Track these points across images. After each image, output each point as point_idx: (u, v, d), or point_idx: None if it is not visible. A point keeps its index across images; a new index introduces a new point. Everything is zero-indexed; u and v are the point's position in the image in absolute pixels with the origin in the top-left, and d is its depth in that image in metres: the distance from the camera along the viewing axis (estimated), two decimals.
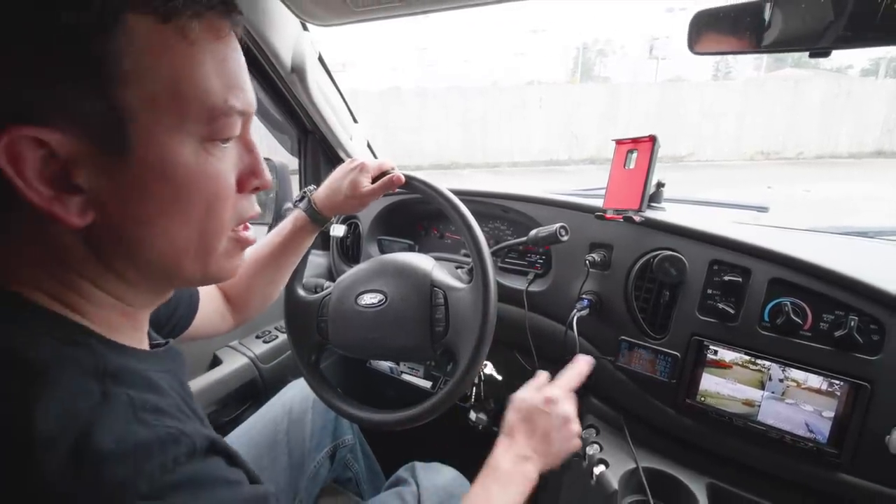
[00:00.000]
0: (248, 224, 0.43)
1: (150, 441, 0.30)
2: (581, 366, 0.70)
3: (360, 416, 0.80)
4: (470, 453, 0.82)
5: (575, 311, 0.82)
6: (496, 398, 1.20)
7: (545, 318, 0.94)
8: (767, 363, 0.70)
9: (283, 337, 1.17)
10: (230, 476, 0.34)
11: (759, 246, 0.73)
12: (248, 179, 0.41)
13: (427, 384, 1.31)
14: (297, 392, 0.95)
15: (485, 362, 0.87)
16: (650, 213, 0.83)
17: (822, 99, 10.26)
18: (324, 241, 1.33)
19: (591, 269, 0.85)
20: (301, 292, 0.87)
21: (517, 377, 0.94)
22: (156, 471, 0.29)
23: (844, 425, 0.65)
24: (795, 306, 0.69)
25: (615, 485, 0.75)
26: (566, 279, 0.90)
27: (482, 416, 1.21)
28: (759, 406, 0.71)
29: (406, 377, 1.32)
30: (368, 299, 0.79)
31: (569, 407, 0.67)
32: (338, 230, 1.19)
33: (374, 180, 0.74)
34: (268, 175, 0.42)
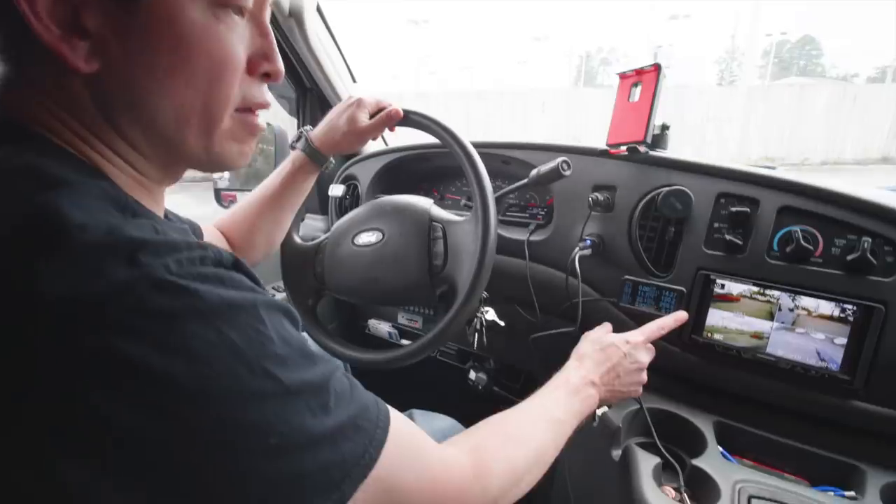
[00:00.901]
0: (257, 112, 0.43)
1: (179, 242, 0.31)
2: (668, 319, 0.72)
3: (360, 357, 0.78)
4: (470, 409, 0.80)
5: (577, 249, 0.80)
6: (496, 357, 1.18)
7: (547, 268, 0.92)
8: (777, 293, 0.68)
9: (281, 296, 1.15)
10: (254, 286, 0.34)
11: (768, 175, 0.71)
12: (259, 62, 0.41)
13: None
14: None
15: (487, 308, 0.85)
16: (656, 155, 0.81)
17: (828, 105, 10.25)
18: (322, 205, 1.32)
19: (593, 212, 0.84)
20: (297, 238, 0.85)
21: (520, 329, 0.92)
22: (184, 261, 0.30)
23: (857, 351, 0.63)
24: (806, 233, 0.67)
25: (618, 423, 0.73)
26: (568, 224, 0.89)
27: (482, 375, 1.19)
28: (769, 338, 0.69)
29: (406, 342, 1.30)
30: (366, 238, 0.77)
31: (645, 356, 0.69)
32: (336, 190, 1.17)
33: (372, 117, 0.73)
34: (280, 64, 0.42)
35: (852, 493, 0.62)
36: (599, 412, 0.76)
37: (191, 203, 1.00)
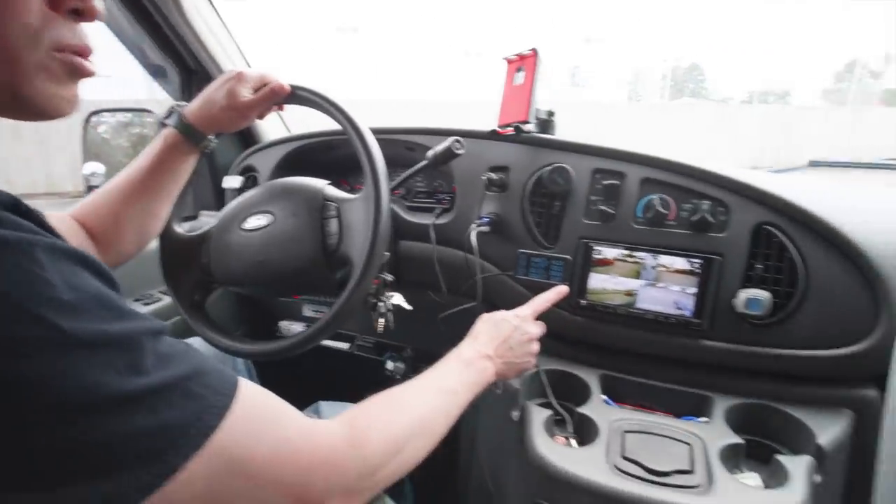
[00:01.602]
0: (87, 55, 0.39)
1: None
2: (551, 293, 0.77)
3: (252, 349, 0.74)
4: None
5: (473, 226, 0.86)
6: (412, 345, 1.21)
7: (453, 250, 0.98)
8: (642, 254, 0.78)
9: (169, 300, 1.06)
10: (37, 229, 0.32)
11: (632, 151, 0.82)
12: None
13: (345, 345, 1.28)
14: None
15: (392, 293, 0.87)
16: None
17: (709, 123, 11.57)
18: (217, 200, 1.26)
19: (489, 192, 0.91)
20: (178, 228, 0.78)
21: (431, 312, 0.96)
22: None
23: (703, 297, 0.74)
24: (662, 200, 0.78)
25: (517, 384, 0.79)
26: (469, 206, 0.95)
27: (399, 364, 1.21)
28: (637, 294, 0.79)
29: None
30: (254, 222, 0.73)
31: (534, 328, 0.73)
32: (232, 182, 1.13)
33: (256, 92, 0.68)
34: (96, 2, 0.38)
35: (705, 419, 0.73)
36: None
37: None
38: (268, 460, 0.37)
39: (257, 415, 0.38)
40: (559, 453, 0.67)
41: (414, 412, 0.52)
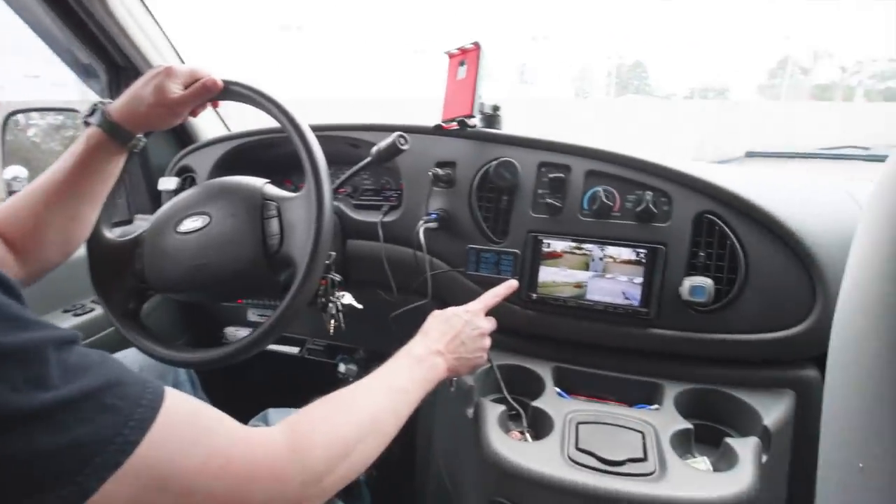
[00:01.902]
0: None
1: None
2: (501, 288, 0.75)
3: (193, 358, 0.69)
4: None
5: (421, 223, 0.84)
6: (364, 346, 1.18)
7: (401, 247, 0.95)
8: (589, 246, 0.78)
9: (101, 310, 1.00)
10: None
11: (576, 144, 0.82)
12: None
13: (295, 349, 1.24)
14: None
15: (343, 293, 0.84)
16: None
17: (654, 118, 12.06)
18: (153, 203, 1.19)
19: (436, 187, 0.89)
20: (108, 233, 0.74)
21: (381, 312, 0.94)
22: None
23: (650, 286, 0.75)
24: (607, 192, 0.78)
25: (470, 381, 0.78)
26: (417, 202, 0.93)
27: (352, 366, 1.18)
28: (587, 286, 0.79)
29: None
30: (190, 224, 0.70)
31: (485, 322, 0.72)
32: (168, 183, 1.07)
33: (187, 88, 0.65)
34: None
35: (656, 406, 0.74)
36: (455, 377, 0.81)
37: None
38: (200, 473, 0.35)
39: (186, 426, 0.35)
40: (514, 449, 0.66)
41: (363, 412, 0.50)
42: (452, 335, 0.67)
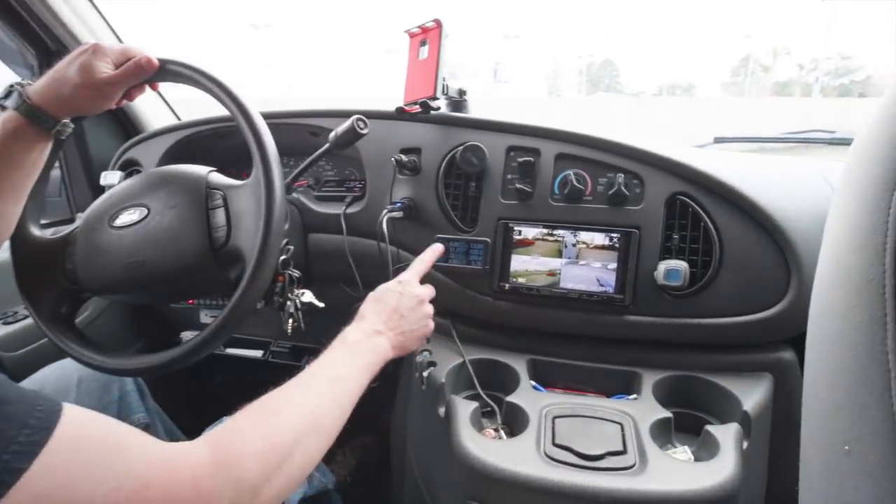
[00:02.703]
0: None
1: None
2: (428, 252, 0.72)
3: (133, 365, 0.63)
4: None
5: (384, 212, 0.79)
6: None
7: (366, 240, 0.91)
8: (562, 232, 0.75)
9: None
10: None
11: (545, 127, 0.79)
12: None
13: (258, 353, 1.18)
14: (52, 373, 0.76)
15: (303, 290, 0.79)
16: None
17: (626, 115, 12.29)
18: (95, 197, 1.12)
19: (400, 175, 0.84)
20: (37, 232, 0.68)
21: (345, 309, 0.89)
22: None
23: (624, 272, 0.72)
24: (578, 175, 0.75)
25: (442, 378, 0.73)
26: (382, 192, 0.88)
27: None
28: (560, 273, 0.75)
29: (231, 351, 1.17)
30: (126, 217, 0.64)
31: (421, 289, 0.67)
32: (111, 178, 1.00)
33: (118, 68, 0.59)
34: None
35: (635, 396, 0.71)
36: (426, 374, 0.76)
37: None
38: (109, 500, 0.30)
39: (89, 447, 0.31)
40: (487, 448, 0.62)
41: (299, 412, 0.46)
42: (389, 311, 0.63)
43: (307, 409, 0.47)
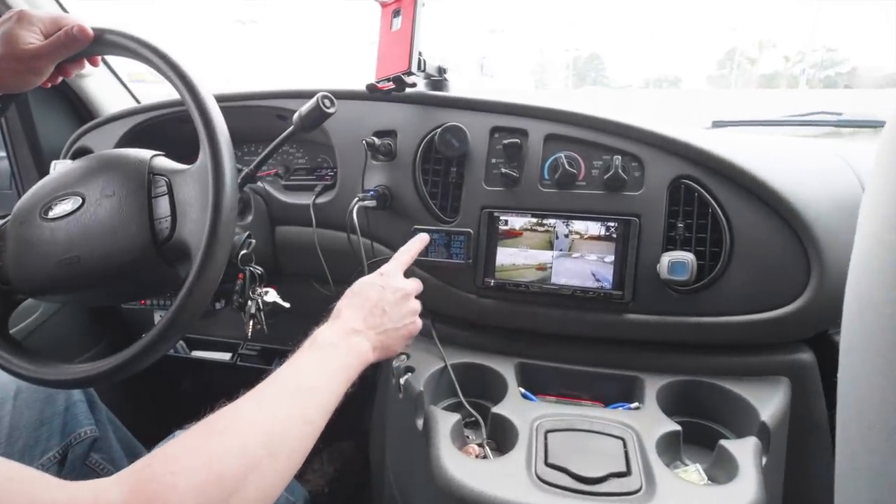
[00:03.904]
0: None
1: None
2: (413, 242, 0.65)
3: (66, 376, 0.56)
4: None
5: (355, 201, 0.71)
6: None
7: (338, 232, 0.82)
8: (553, 221, 0.68)
9: None
10: None
11: (533, 105, 0.71)
12: None
13: (226, 356, 1.09)
14: None
15: (266, 289, 0.70)
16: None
17: (614, 108, 12.35)
18: None
19: (374, 160, 0.76)
20: None
21: (315, 308, 0.80)
22: None
23: (623, 265, 0.65)
24: (570, 158, 0.68)
25: (420, 386, 0.65)
26: (354, 180, 0.80)
27: None
28: (551, 267, 0.68)
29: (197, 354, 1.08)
30: (60, 208, 0.58)
31: (406, 282, 0.59)
32: (62, 167, 0.91)
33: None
34: None
35: (636, 404, 0.63)
36: (402, 381, 0.68)
37: None
38: None
39: None
40: (469, 468, 0.54)
41: (251, 432, 0.38)
42: (370, 306, 0.56)
43: (262, 427, 0.39)
